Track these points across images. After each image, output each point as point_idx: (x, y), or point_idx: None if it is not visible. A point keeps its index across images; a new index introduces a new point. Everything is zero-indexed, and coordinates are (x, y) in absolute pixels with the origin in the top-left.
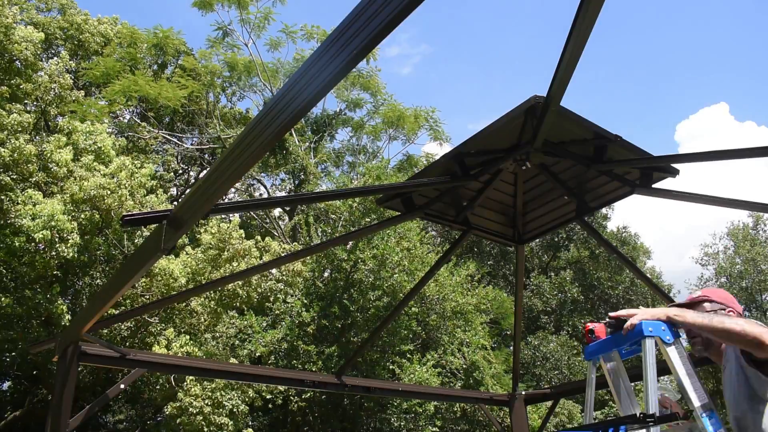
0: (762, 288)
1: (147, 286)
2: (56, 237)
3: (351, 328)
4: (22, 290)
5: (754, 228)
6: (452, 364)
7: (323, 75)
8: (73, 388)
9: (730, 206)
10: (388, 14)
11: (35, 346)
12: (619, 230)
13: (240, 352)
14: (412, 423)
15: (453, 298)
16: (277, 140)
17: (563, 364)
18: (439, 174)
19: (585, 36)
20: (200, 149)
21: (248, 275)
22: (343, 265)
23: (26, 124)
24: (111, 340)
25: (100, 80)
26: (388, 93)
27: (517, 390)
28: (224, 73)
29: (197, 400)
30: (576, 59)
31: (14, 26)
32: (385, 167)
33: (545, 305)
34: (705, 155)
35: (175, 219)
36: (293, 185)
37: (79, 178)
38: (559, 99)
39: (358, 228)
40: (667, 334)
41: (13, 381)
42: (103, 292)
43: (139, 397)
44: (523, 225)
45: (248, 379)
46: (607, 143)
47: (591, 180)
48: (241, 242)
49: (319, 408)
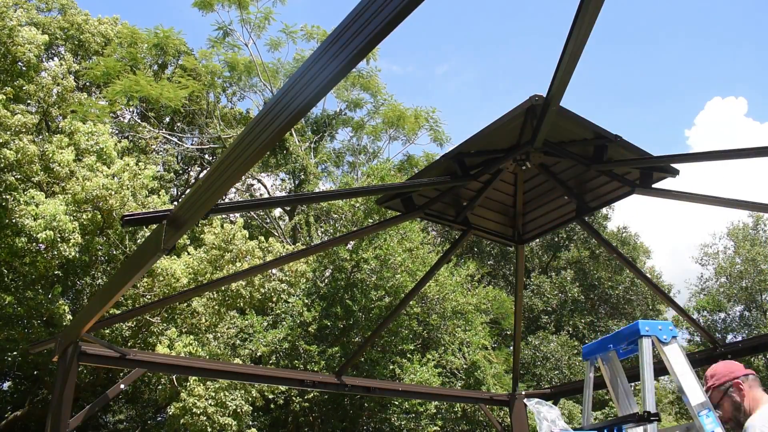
0: (762, 288)
1: (149, 286)
2: (58, 237)
3: (353, 328)
4: (23, 290)
5: (754, 228)
6: (453, 364)
7: (323, 75)
8: (73, 388)
9: (730, 206)
10: (388, 14)
11: (35, 346)
12: (619, 230)
13: (241, 351)
14: (412, 423)
15: (453, 298)
16: (277, 140)
17: (563, 364)
18: (439, 174)
19: (585, 36)
20: (200, 149)
21: (249, 275)
22: (344, 265)
23: (30, 124)
24: (112, 339)
25: (100, 80)
26: (389, 93)
27: (517, 390)
28: (224, 73)
29: (201, 401)
30: (576, 59)
31: (18, 28)
32: (389, 168)
33: (545, 305)
34: (705, 155)
35: (175, 219)
36: (293, 185)
37: (81, 179)
38: (559, 99)
39: (358, 228)
40: (664, 333)
41: (14, 381)
42: (103, 292)
43: (140, 397)
44: (523, 225)
45: (248, 379)
46: (607, 143)
47: (591, 180)
48: (244, 243)
49: (320, 408)
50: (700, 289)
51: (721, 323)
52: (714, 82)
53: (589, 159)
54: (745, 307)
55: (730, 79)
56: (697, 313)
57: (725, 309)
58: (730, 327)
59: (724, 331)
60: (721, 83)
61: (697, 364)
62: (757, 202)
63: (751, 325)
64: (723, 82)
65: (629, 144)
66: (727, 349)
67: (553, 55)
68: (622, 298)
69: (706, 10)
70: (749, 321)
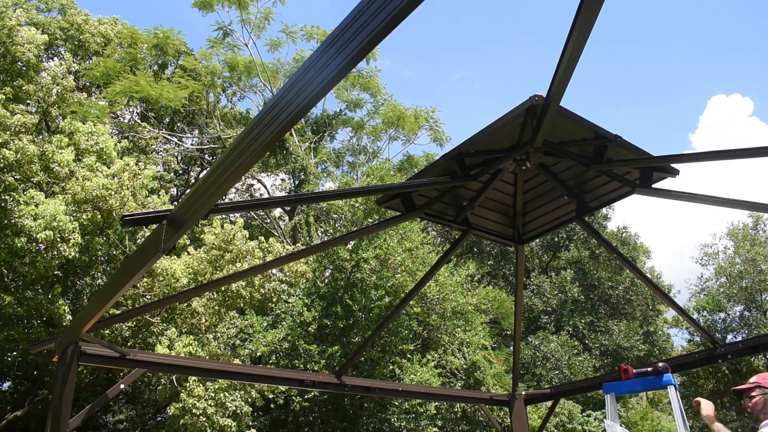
0: (762, 288)
1: (149, 286)
2: (58, 237)
3: (353, 328)
4: (23, 290)
5: (754, 228)
6: (453, 364)
7: (323, 75)
8: (73, 388)
9: (730, 206)
10: (388, 14)
11: (35, 346)
12: (619, 230)
13: (241, 351)
14: (412, 423)
15: (453, 299)
16: (276, 140)
17: (563, 364)
18: (439, 174)
19: (585, 35)
20: (200, 149)
21: (249, 275)
22: (344, 265)
23: (29, 124)
24: (112, 339)
25: (100, 80)
26: (389, 93)
27: (517, 390)
28: (224, 73)
29: (200, 401)
30: (576, 59)
31: (18, 28)
32: (389, 168)
33: (545, 305)
34: (705, 155)
35: (175, 219)
36: (293, 185)
37: (81, 179)
38: (559, 99)
39: (358, 228)
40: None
41: (14, 381)
42: (103, 292)
43: (140, 397)
44: (523, 225)
45: (248, 379)
46: (607, 143)
47: (591, 180)
48: (244, 243)
49: (320, 408)
50: (700, 289)
51: (721, 323)
52: (715, 81)
53: (589, 159)
54: (745, 307)
55: (730, 78)
56: (697, 313)
57: (725, 309)
58: (730, 327)
59: (724, 331)
60: (722, 83)
61: (697, 364)
62: (757, 202)
63: (751, 325)
64: (723, 82)
65: (629, 144)
66: (727, 349)
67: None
68: (622, 298)
69: (705, 11)
70: (749, 321)
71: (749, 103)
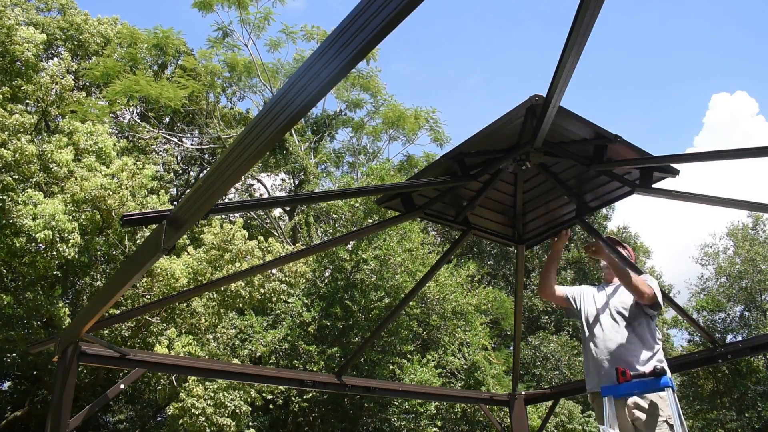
0: (762, 288)
1: (148, 286)
2: (57, 237)
3: (353, 329)
4: (22, 291)
5: (754, 228)
6: (453, 365)
7: (323, 75)
8: (73, 388)
9: (730, 206)
10: (388, 14)
11: (35, 346)
12: (619, 230)
13: (240, 352)
14: (412, 423)
15: (453, 299)
16: (276, 140)
17: (563, 364)
18: (439, 174)
19: (586, 34)
20: (200, 149)
21: (249, 275)
22: (344, 266)
23: (28, 124)
24: (112, 339)
25: (100, 80)
26: (389, 93)
27: (517, 390)
28: (224, 73)
29: (200, 401)
30: (576, 58)
31: (16, 27)
32: (389, 168)
33: (545, 305)
34: (705, 155)
35: (175, 219)
36: (293, 185)
37: (80, 179)
38: (559, 99)
39: (358, 228)
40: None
41: (14, 381)
42: (102, 292)
43: (140, 398)
44: (523, 225)
45: (247, 379)
46: (607, 143)
47: (591, 180)
48: (244, 243)
49: (320, 408)
50: (700, 289)
51: (721, 323)
52: (718, 79)
53: (589, 159)
54: (745, 307)
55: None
56: (697, 313)
57: (725, 309)
58: (730, 327)
59: (724, 331)
60: (725, 81)
61: (697, 364)
62: (757, 202)
63: (751, 325)
64: (725, 81)
65: (629, 144)
66: (727, 349)
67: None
68: None
69: (706, 9)
70: (749, 321)
71: (753, 102)
